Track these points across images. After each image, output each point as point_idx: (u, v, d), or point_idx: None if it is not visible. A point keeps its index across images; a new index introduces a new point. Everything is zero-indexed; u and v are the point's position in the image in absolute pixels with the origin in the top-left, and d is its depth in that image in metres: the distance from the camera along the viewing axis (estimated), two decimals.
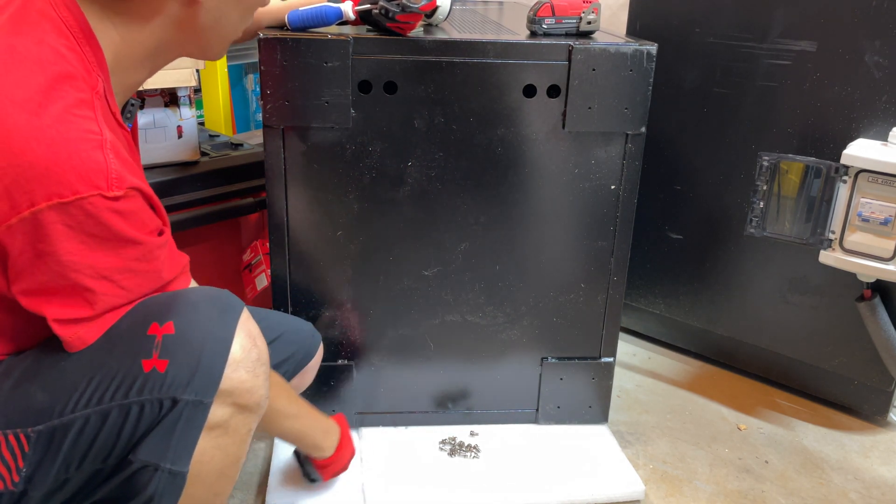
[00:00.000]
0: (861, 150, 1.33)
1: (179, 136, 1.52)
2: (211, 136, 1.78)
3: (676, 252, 1.70)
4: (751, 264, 1.60)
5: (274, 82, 1.17)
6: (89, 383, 0.81)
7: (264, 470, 1.34)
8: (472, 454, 1.37)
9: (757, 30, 1.47)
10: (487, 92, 1.22)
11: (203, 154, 1.60)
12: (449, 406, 1.44)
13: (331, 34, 1.17)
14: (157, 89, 1.47)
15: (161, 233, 0.86)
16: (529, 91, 1.23)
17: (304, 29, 1.19)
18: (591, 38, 1.26)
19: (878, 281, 1.40)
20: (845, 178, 1.35)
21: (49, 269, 0.77)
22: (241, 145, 1.70)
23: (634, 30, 1.64)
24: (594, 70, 1.22)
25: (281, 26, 1.20)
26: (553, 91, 1.23)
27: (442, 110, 1.23)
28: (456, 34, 1.25)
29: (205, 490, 0.89)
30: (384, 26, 1.17)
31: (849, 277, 1.43)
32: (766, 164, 1.43)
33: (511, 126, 1.24)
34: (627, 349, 1.82)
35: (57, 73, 0.78)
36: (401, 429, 1.44)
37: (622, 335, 1.85)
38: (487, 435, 1.43)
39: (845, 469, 1.44)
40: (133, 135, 1.09)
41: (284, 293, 1.31)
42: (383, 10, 1.14)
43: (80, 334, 0.81)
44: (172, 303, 0.84)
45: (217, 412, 0.84)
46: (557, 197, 1.30)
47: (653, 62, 1.22)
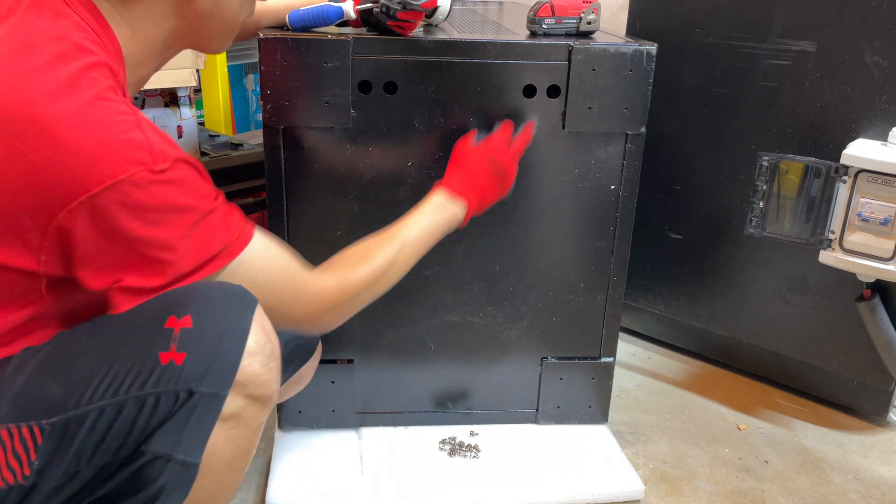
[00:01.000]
0: (861, 151, 1.33)
1: (179, 136, 1.52)
2: (211, 136, 1.78)
3: (676, 252, 1.70)
4: (751, 264, 1.60)
5: (274, 82, 1.17)
6: (105, 375, 0.82)
7: (264, 469, 1.34)
8: (472, 454, 1.38)
9: (757, 30, 1.47)
10: (487, 92, 1.22)
11: (203, 154, 1.60)
12: (449, 406, 1.44)
13: (331, 34, 1.17)
14: (157, 89, 1.47)
15: (216, 197, 0.88)
16: (529, 91, 1.23)
17: (304, 29, 1.19)
18: (590, 38, 1.26)
19: (878, 281, 1.40)
20: (845, 178, 1.35)
21: (119, 245, 0.80)
22: (241, 145, 1.71)
23: (634, 30, 1.64)
24: (594, 70, 1.22)
25: (281, 26, 1.20)
26: (553, 91, 1.23)
27: (442, 110, 1.23)
28: (456, 34, 1.25)
29: (215, 482, 0.89)
30: (385, 25, 1.17)
31: (849, 277, 1.43)
32: (765, 164, 1.43)
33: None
34: (627, 349, 1.82)
35: (84, 64, 0.81)
36: (401, 429, 1.44)
37: (622, 335, 1.85)
38: (487, 435, 1.43)
39: (845, 469, 1.44)
40: None
41: None
42: (384, 8, 1.14)
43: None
44: (189, 297, 0.85)
45: (231, 403, 0.85)
46: (557, 197, 1.30)
47: (653, 62, 1.23)
